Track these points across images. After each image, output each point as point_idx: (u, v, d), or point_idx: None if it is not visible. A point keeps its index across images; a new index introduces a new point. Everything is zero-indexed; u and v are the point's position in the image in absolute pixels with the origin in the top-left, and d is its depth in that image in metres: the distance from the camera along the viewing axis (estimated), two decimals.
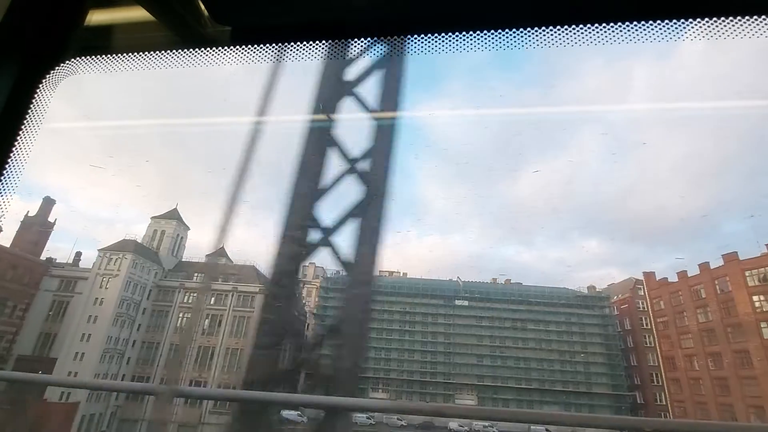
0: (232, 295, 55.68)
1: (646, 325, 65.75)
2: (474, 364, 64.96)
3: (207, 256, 77.16)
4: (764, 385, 45.25)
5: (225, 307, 55.07)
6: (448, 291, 70.06)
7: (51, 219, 58.33)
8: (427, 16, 1.21)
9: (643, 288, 67.13)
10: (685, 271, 58.48)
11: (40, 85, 1.23)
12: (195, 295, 56.69)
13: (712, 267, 53.60)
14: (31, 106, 1.22)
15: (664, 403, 60.15)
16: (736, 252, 50.72)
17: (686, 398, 56.24)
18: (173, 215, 62.21)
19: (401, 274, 77.78)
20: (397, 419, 58.13)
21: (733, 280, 50.12)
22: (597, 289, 71.62)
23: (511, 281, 76.99)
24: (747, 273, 48.93)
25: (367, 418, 57.09)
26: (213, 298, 56.16)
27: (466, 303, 68.32)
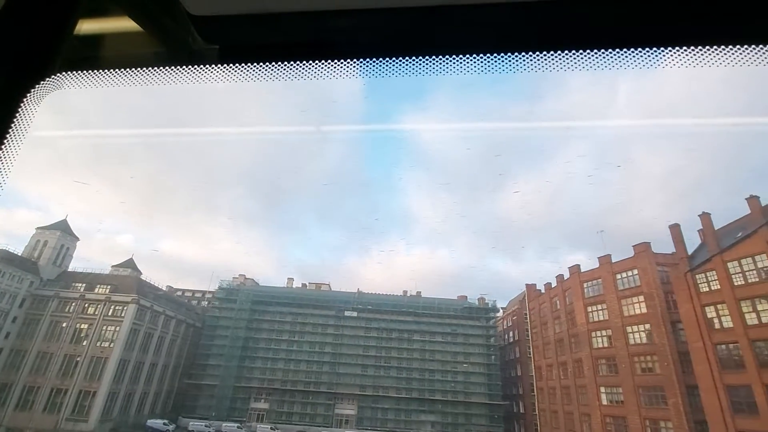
0: (104, 305, 56.89)
1: (527, 335, 68.32)
2: (358, 374, 66.50)
3: (112, 266, 78.58)
4: (591, 393, 47.75)
5: (96, 316, 56.24)
6: (343, 302, 71.87)
7: None
8: (413, 40, 1.25)
9: (525, 299, 69.91)
10: (550, 282, 61.37)
11: (25, 100, 1.22)
12: (73, 303, 57.69)
13: (565, 278, 56.59)
14: (15, 120, 1.20)
15: (536, 412, 62.25)
16: (579, 265, 53.79)
17: (545, 407, 58.51)
18: (59, 226, 63.51)
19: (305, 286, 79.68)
20: (271, 429, 59.18)
21: (574, 291, 53.08)
22: (486, 301, 74.11)
23: (421, 293, 79.36)
24: (585, 284, 51.93)
25: (238, 427, 58.16)
26: (92, 308, 57.37)
27: (355, 314, 70.17)
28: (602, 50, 1.14)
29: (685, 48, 1.10)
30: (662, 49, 1.12)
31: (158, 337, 63.48)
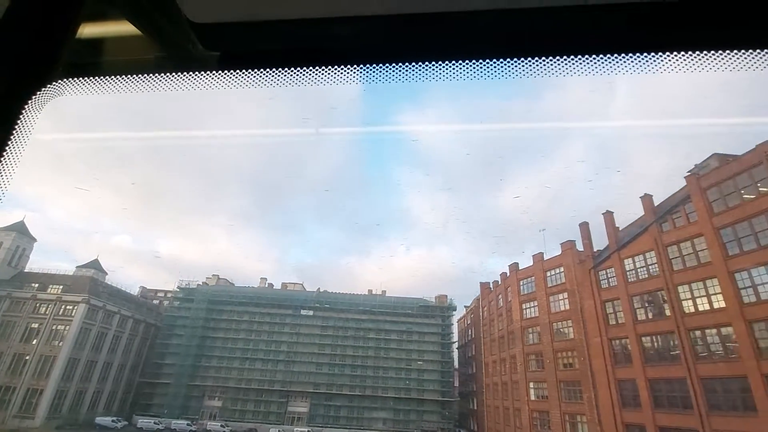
0: (55, 304, 57.87)
1: (482, 333, 69.11)
2: (312, 372, 67.35)
3: (77, 267, 79.57)
4: (522, 388, 48.55)
5: (47, 315, 57.22)
6: (302, 301, 72.71)
7: None
8: (411, 46, 1.27)
9: (480, 297, 70.69)
10: (497, 280, 62.12)
11: (26, 106, 1.22)
12: (25, 303, 58.64)
13: (507, 275, 57.35)
14: (16, 126, 1.21)
15: (485, 408, 63.05)
16: (517, 263, 54.54)
17: (491, 403, 59.30)
18: (15, 227, 64.49)
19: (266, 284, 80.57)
20: (221, 426, 60.07)
21: (513, 289, 53.86)
22: (445, 300, 74.86)
23: (386, 293, 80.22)
24: (521, 282, 52.71)
25: (188, 424, 59.07)
26: (44, 307, 58.36)
27: (311, 313, 71.02)
28: (600, 56, 1.16)
29: (682, 53, 1.11)
30: (659, 54, 1.13)
31: (113, 336, 64.42)
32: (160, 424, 58.37)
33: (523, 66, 1.21)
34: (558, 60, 1.19)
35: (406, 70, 1.28)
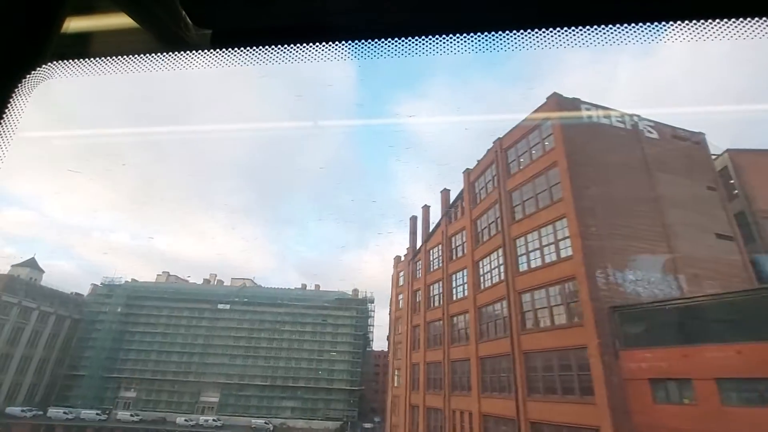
0: None
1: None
2: (226, 363, 69.85)
3: (12, 266, 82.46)
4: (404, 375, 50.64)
5: None
6: (220, 296, 75.10)
7: None
8: (409, 20, 1.22)
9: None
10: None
11: (15, 90, 1.19)
12: None
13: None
14: (5, 114, 1.18)
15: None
16: (399, 256, 56.32)
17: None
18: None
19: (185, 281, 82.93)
20: (131, 416, 62.78)
21: (393, 281, 55.72)
22: (359, 293, 76.99)
23: (320, 287, 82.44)
24: (400, 273, 54.55)
25: (97, 414, 61.84)
26: None
27: (228, 307, 73.41)
28: (602, 26, 1.12)
29: (687, 22, 1.08)
30: (663, 23, 1.10)
31: (32, 331, 67.17)
32: (70, 414, 61.15)
33: (522, 38, 1.19)
34: (558, 32, 1.16)
35: (405, 45, 1.25)
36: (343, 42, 1.28)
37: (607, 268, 18.52)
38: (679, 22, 1.08)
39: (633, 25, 1.10)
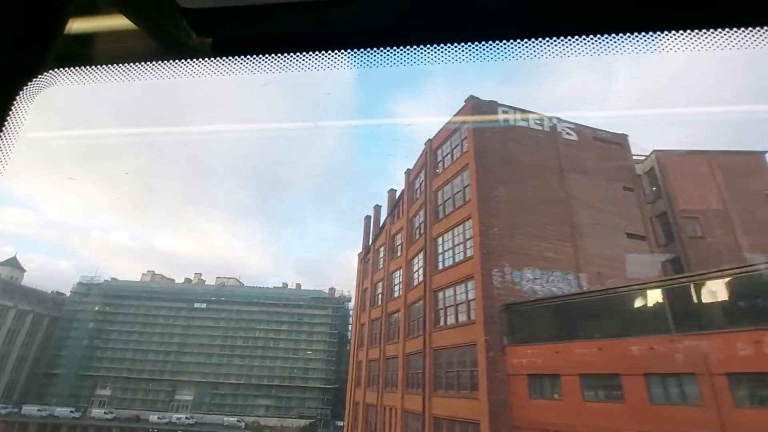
0: None
1: None
2: (201, 362, 70.38)
3: None
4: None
5: None
6: (197, 295, 75.60)
7: None
8: (408, 29, 1.24)
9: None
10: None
11: (17, 98, 1.21)
12: None
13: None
14: (7, 119, 1.20)
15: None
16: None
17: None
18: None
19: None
20: (105, 413, 63.36)
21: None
22: (336, 292, 77.50)
23: (302, 286, 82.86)
24: None
25: (71, 411, 62.43)
26: None
27: (204, 306, 73.93)
28: (600, 36, 1.13)
29: (682, 32, 1.10)
30: (659, 33, 1.11)
31: (9, 330, 67.75)
32: (44, 411, 61.75)
33: (520, 48, 1.19)
34: (556, 41, 1.17)
35: (404, 54, 1.26)
36: (344, 50, 1.30)
37: (504, 267, 18.97)
38: (674, 32, 1.10)
39: (630, 34, 1.12)
